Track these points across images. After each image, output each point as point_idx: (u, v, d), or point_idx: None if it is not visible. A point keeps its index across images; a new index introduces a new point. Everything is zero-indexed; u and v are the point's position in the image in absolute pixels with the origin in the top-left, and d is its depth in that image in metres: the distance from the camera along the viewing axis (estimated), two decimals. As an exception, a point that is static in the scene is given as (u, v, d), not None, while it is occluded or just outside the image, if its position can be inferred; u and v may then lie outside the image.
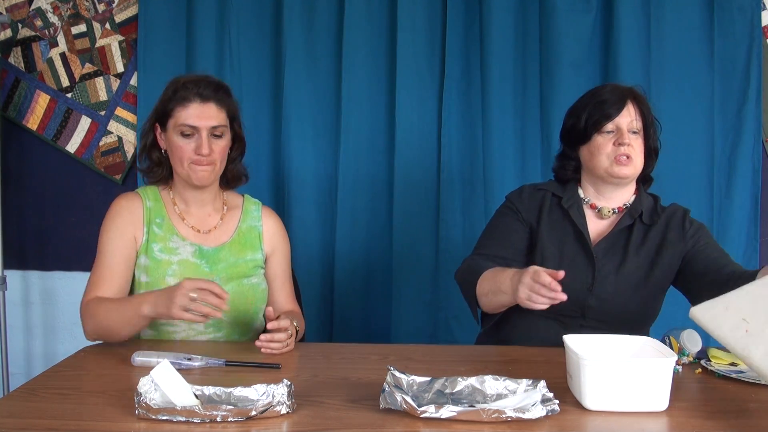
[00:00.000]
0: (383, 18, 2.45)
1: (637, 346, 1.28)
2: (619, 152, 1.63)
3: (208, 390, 1.14)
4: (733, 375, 1.35)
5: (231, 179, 1.75)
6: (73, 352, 1.52)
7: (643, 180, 1.75)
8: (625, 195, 1.71)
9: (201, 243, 1.67)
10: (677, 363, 1.41)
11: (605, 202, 1.71)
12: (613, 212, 1.70)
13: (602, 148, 1.65)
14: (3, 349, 2.47)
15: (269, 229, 1.77)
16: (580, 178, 1.75)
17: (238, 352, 1.50)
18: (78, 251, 2.64)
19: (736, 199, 2.41)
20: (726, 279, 1.49)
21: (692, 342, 1.45)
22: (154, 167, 1.69)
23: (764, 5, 2.39)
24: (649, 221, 1.69)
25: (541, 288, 1.34)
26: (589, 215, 1.72)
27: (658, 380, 1.15)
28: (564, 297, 1.34)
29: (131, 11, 2.55)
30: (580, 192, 1.74)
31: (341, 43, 2.43)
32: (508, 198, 1.80)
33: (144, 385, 1.09)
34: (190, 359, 1.37)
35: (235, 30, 2.48)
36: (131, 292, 1.65)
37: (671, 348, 1.40)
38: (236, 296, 1.66)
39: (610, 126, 1.65)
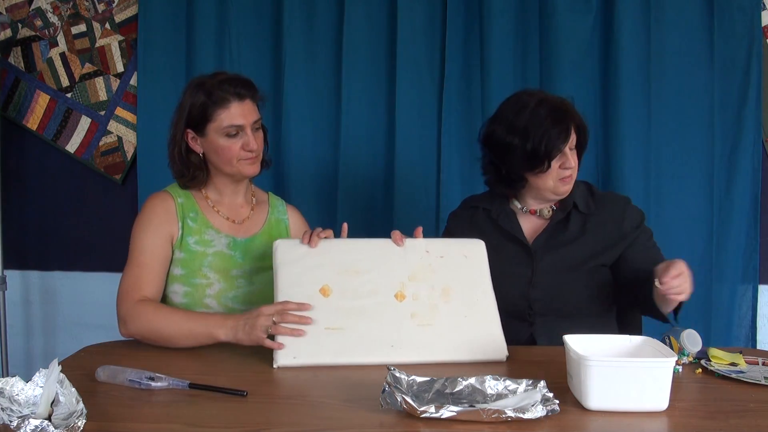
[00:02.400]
0: (383, 18, 2.45)
1: (637, 346, 1.28)
2: (563, 175, 1.69)
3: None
4: (733, 375, 1.35)
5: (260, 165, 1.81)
6: (73, 352, 1.52)
7: None
8: None
9: (234, 234, 1.73)
10: (677, 363, 1.41)
11: (543, 204, 1.79)
12: (552, 209, 1.78)
13: (551, 172, 1.69)
14: (3, 349, 2.48)
15: (295, 223, 1.85)
16: (512, 193, 1.80)
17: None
18: (78, 251, 2.65)
19: (736, 199, 2.41)
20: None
21: (692, 342, 1.44)
22: (197, 172, 1.71)
23: (764, 5, 2.39)
24: (586, 210, 1.74)
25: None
26: (527, 218, 1.79)
27: (658, 380, 1.15)
28: None
29: (131, 11, 2.55)
30: (516, 204, 1.80)
31: (341, 43, 2.43)
32: (448, 219, 1.92)
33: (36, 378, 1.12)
34: (152, 379, 1.27)
35: (235, 30, 2.48)
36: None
37: (671, 348, 1.40)
38: (268, 285, 1.69)
39: (557, 153, 1.69)
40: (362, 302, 1.48)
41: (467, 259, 1.58)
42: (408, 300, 1.49)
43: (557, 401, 1.13)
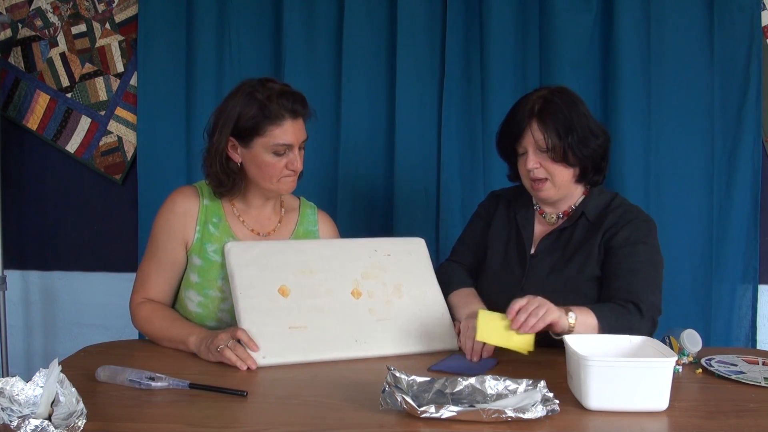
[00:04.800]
0: (383, 18, 2.45)
1: (637, 346, 1.28)
2: (530, 176, 1.62)
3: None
4: (733, 376, 1.36)
5: None
6: (73, 352, 1.52)
7: (593, 183, 1.69)
8: (570, 200, 1.70)
9: None
10: (677, 363, 1.41)
11: (551, 209, 1.72)
12: (558, 217, 1.71)
13: (521, 172, 1.66)
14: (3, 349, 2.47)
15: (326, 234, 1.79)
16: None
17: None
18: (78, 251, 2.64)
19: (736, 199, 2.41)
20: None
21: (692, 342, 1.45)
22: (237, 181, 1.64)
23: (764, 5, 2.38)
24: (595, 219, 1.65)
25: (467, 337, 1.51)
26: (539, 218, 1.74)
27: (658, 380, 1.15)
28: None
29: (131, 11, 2.55)
30: (533, 202, 1.76)
31: (341, 43, 2.43)
32: (479, 205, 1.88)
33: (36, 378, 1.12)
34: (152, 379, 1.27)
35: (235, 30, 2.48)
36: (180, 288, 1.67)
37: (671, 348, 1.40)
38: None
39: (520, 149, 1.64)
40: (321, 301, 1.53)
41: (411, 256, 1.68)
42: (364, 297, 1.56)
43: (557, 401, 1.13)
